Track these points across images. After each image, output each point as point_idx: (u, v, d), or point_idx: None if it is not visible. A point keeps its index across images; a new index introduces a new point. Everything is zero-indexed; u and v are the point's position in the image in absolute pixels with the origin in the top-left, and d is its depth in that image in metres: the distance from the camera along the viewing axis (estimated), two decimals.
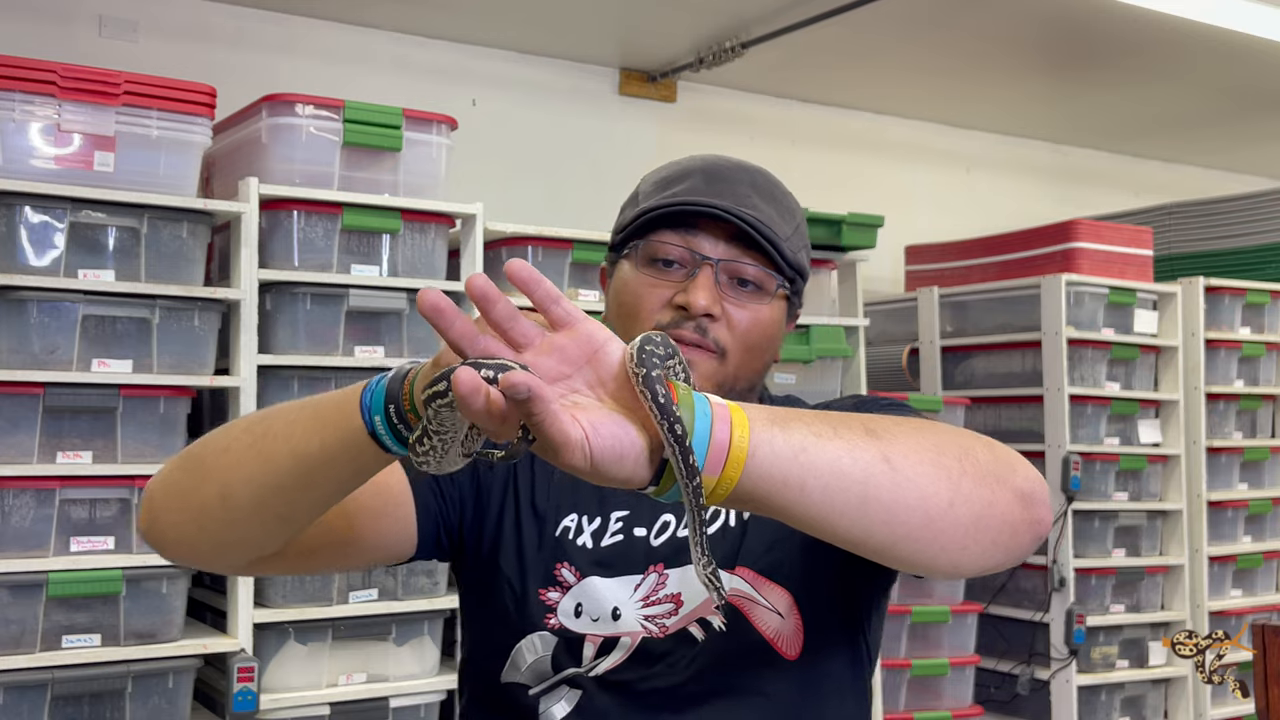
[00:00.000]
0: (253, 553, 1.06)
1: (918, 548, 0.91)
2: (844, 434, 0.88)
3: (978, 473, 0.93)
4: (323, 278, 2.62)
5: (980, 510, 0.92)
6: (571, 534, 1.22)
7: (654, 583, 1.18)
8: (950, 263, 4.16)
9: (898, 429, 0.92)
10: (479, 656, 1.23)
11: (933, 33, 3.60)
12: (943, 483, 0.90)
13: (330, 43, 3.40)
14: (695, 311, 1.17)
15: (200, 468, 1.03)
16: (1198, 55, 3.76)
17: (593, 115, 3.81)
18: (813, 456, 0.86)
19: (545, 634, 1.18)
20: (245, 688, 2.43)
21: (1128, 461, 3.77)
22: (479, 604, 1.25)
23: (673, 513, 1.22)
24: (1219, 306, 3.99)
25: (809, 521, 0.89)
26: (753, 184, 1.24)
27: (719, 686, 1.14)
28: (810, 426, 0.88)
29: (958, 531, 0.91)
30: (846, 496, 0.87)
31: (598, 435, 0.79)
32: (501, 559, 1.22)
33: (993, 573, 0.98)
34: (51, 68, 2.39)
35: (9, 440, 2.33)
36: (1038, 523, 0.97)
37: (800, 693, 1.16)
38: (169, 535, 1.06)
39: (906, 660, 3.50)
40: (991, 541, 0.93)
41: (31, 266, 2.37)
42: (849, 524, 0.89)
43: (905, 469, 0.89)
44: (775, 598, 1.17)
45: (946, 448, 0.93)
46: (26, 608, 2.31)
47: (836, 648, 1.20)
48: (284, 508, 1.00)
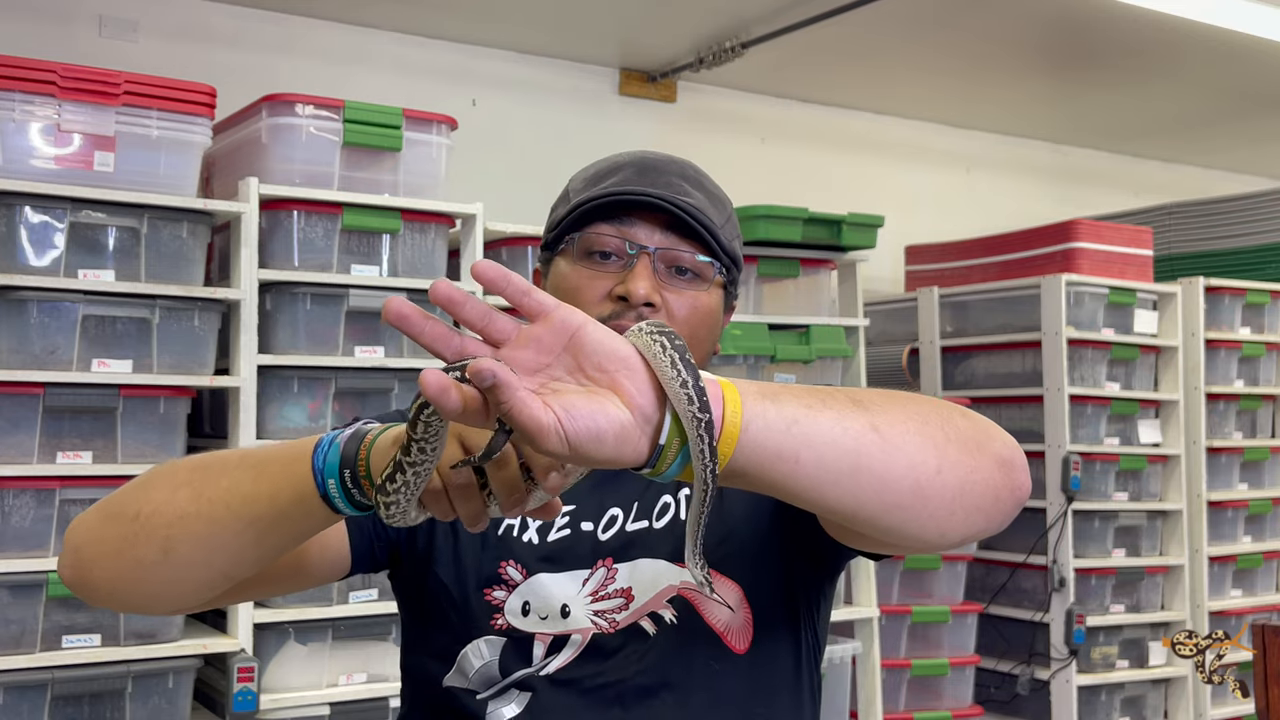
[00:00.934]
0: (190, 601, 1.06)
1: (907, 516, 0.91)
2: (832, 405, 0.88)
3: (960, 440, 0.93)
4: (323, 278, 2.62)
5: (964, 476, 0.92)
6: (516, 530, 1.21)
7: (603, 577, 1.18)
8: (950, 263, 4.16)
9: (882, 399, 0.92)
10: (419, 662, 1.21)
11: (933, 33, 3.60)
12: (930, 450, 0.90)
13: (330, 43, 3.40)
14: (635, 301, 1.16)
15: (135, 523, 1.00)
16: (1198, 55, 3.76)
17: (593, 115, 3.81)
18: (805, 429, 0.86)
19: (492, 637, 1.17)
20: (245, 688, 2.43)
21: (1128, 461, 3.77)
22: (418, 611, 1.23)
23: (620, 507, 1.21)
24: (1219, 306, 3.99)
25: (801, 494, 0.89)
26: (683, 174, 1.24)
27: (668, 680, 1.13)
28: (800, 399, 0.87)
29: (945, 498, 0.91)
30: (839, 467, 0.87)
31: (571, 418, 0.77)
32: (437, 566, 1.20)
33: (977, 537, 0.98)
34: (51, 68, 2.39)
35: (9, 440, 2.33)
36: (1018, 488, 0.97)
37: (749, 685, 1.16)
38: (101, 589, 1.04)
39: (906, 660, 3.50)
40: (975, 508, 0.93)
41: (31, 266, 2.37)
42: (841, 494, 0.88)
43: (894, 438, 0.89)
44: (725, 591, 1.16)
45: (929, 416, 0.93)
46: (26, 608, 2.31)
47: (785, 639, 1.20)
48: (230, 565, 1.00)
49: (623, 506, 1.21)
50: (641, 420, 0.81)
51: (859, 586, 3.34)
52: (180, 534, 0.98)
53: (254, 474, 0.97)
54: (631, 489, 1.21)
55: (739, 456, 0.84)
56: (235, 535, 0.97)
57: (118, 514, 1.02)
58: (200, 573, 1.01)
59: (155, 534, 0.99)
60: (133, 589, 1.04)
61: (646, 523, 1.20)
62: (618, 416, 0.79)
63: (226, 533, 0.97)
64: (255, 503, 0.96)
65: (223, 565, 1.00)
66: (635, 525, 1.20)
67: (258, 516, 0.96)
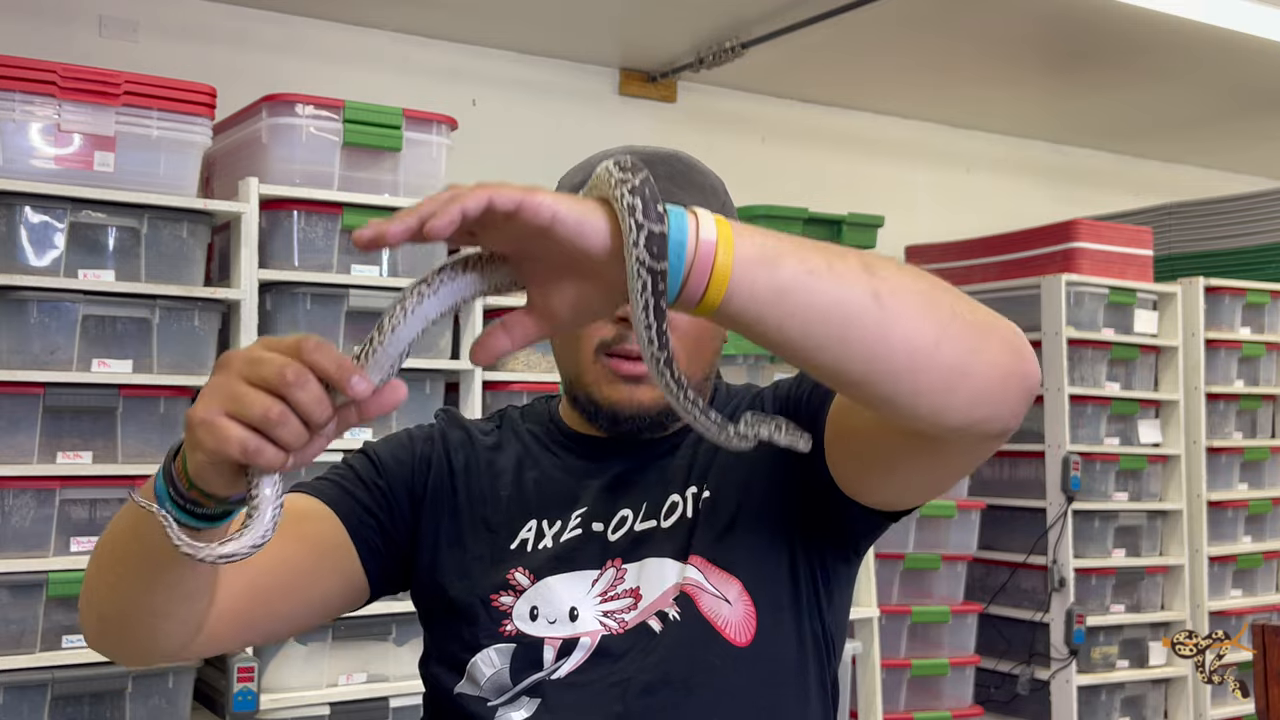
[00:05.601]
0: (165, 650, 1.07)
1: (898, 387, 0.90)
2: (838, 268, 0.87)
3: (969, 319, 0.92)
4: (323, 278, 2.62)
5: (966, 355, 0.91)
6: (530, 543, 1.21)
7: (612, 578, 1.18)
8: (950, 263, 4.16)
9: (894, 269, 0.91)
10: (434, 672, 1.22)
11: (933, 33, 3.60)
12: (930, 323, 0.89)
13: (330, 43, 3.40)
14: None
15: (84, 593, 1.07)
16: (1198, 55, 3.76)
17: (593, 115, 3.81)
18: (796, 298, 0.86)
19: (501, 645, 1.17)
20: (245, 688, 2.43)
21: (1128, 461, 3.78)
22: (430, 622, 1.25)
23: (630, 508, 1.21)
24: (1219, 306, 3.99)
25: (785, 355, 0.89)
26: (671, 173, 1.21)
27: (669, 677, 1.13)
28: (804, 261, 0.86)
29: (942, 373, 0.90)
30: (827, 333, 0.87)
31: (556, 199, 0.81)
32: (444, 577, 1.21)
33: (980, 432, 0.95)
34: (51, 68, 2.39)
35: (9, 440, 2.33)
36: (1026, 376, 0.94)
37: (751, 680, 1.15)
38: (91, 642, 1.10)
39: (906, 660, 3.50)
40: (979, 390, 0.92)
41: (31, 266, 2.37)
42: (827, 358, 0.88)
43: (894, 306, 0.88)
44: (724, 584, 1.16)
45: (939, 295, 0.91)
46: (26, 608, 2.31)
47: (788, 633, 1.18)
48: (148, 607, 1.02)
49: (633, 507, 1.21)
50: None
51: (859, 586, 3.34)
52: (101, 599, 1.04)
53: (127, 520, 1.00)
54: (642, 490, 1.21)
55: (723, 314, 0.86)
56: (134, 584, 1.00)
57: (84, 581, 1.09)
58: (139, 626, 1.04)
59: (92, 601, 1.06)
60: (109, 646, 1.09)
61: (655, 522, 1.20)
62: (603, 223, 0.83)
63: (131, 582, 1.01)
64: (131, 544, 0.99)
65: (144, 615, 1.02)
66: (644, 525, 1.20)
67: (141, 559, 0.98)
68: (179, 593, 1.01)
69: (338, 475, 1.24)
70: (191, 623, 1.06)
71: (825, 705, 1.22)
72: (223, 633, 1.10)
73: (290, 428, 0.83)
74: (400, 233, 0.79)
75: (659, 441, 1.24)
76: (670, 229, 0.83)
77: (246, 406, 0.83)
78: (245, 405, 0.83)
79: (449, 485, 1.25)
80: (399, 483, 1.24)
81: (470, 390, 2.78)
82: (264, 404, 0.82)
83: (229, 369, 0.85)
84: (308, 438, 0.84)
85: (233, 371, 0.85)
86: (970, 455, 1.04)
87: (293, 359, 0.83)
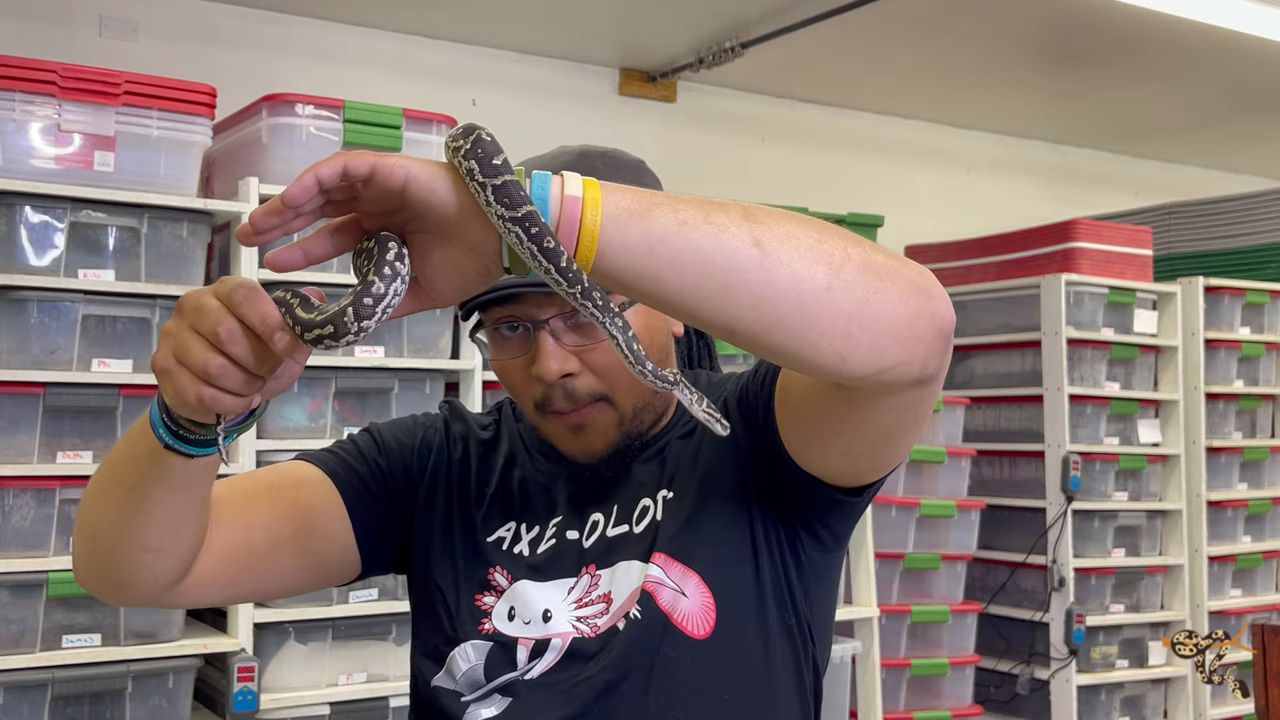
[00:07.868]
0: (150, 584, 1.08)
1: (791, 334, 0.88)
2: (715, 219, 0.86)
3: (864, 262, 0.89)
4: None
5: (864, 296, 0.88)
6: (507, 543, 1.22)
7: (587, 584, 1.19)
8: (950, 263, 4.16)
9: (778, 216, 0.89)
10: (416, 661, 1.24)
11: (932, 33, 3.61)
12: (820, 267, 0.87)
13: (330, 43, 3.40)
14: (551, 379, 1.13)
15: (79, 516, 1.09)
16: (1198, 55, 3.76)
17: (593, 115, 3.81)
18: (670, 248, 0.85)
19: (478, 642, 1.19)
20: (245, 687, 2.43)
21: (1127, 461, 3.78)
22: (417, 611, 1.27)
23: (601, 513, 1.21)
24: (1219, 306, 3.99)
25: (671, 310, 0.89)
26: (606, 168, 1.18)
27: (630, 671, 1.13)
28: (678, 213, 0.86)
29: (838, 317, 0.88)
30: (707, 284, 0.86)
31: (410, 161, 0.83)
32: (434, 569, 1.24)
33: (894, 378, 0.93)
34: (51, 68, 2.39)
35: (9, 440, 2.34)
36: (938, 315, 0.92)
37: (711, 670, 1.15)
38: (79, 575, 1.11)
39: (906, 660, 3.50)
40: (883, 331, 0.89)
41: (31, 266, 2.37)
42: (713, 310, 0.87)
43: (777, 253, 0.87)
44: (682, 578, 1.16)
45: (830, 238, 0.89)
46: (26, 608, 2.31)
47: (750, 623, 1.17)
48: (137, 535, 1.03)
49: (604, 512, 1.22)
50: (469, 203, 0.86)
51: (859, 586, 3.35)
52: (96, 518, 1.05)
53: (122, 445, 1.03)
54: (613, 494, 1.22)
55: (599, 272, 0.86)
56: (124, 504, 1.01)
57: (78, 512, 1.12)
58: (122, 552, 1.05)
59: (85, 522, 1.07)
60: (92, 576, 1.09)
61: (627, 526, 1.20)
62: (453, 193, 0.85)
63: (120, 504, 1.02)
64: (128, 467, 1.00)
65: (133, 539, 1.03)
66: (616, 530, 1.21)
67: (136, 480, 1.00)
68: (170, 515, 1.03)
69: (340, 449, 1.27)
70: (177, 558, 1.07)
71: (802, 697, 1.21)
72: (210, 582, 1.12)
73: (231, 378, 0.86)
74: (263, 214, 0.84)
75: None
76: (533, 190, 0.84)
77: (191, 359, 0.86)
78: (190, 357, 0.86)
79: (445, 475, 1.27)
80: (399, 463, 1.27)
81: (470, 390, 2.78)
82: (204, 358, 0.86)
83: (181, 314, 0.88)
84: (257, 382, 0.87)
85: (184, 319, 0.88)
86: (898, 409, 1.00)
87: (226, 312, 0.86)
